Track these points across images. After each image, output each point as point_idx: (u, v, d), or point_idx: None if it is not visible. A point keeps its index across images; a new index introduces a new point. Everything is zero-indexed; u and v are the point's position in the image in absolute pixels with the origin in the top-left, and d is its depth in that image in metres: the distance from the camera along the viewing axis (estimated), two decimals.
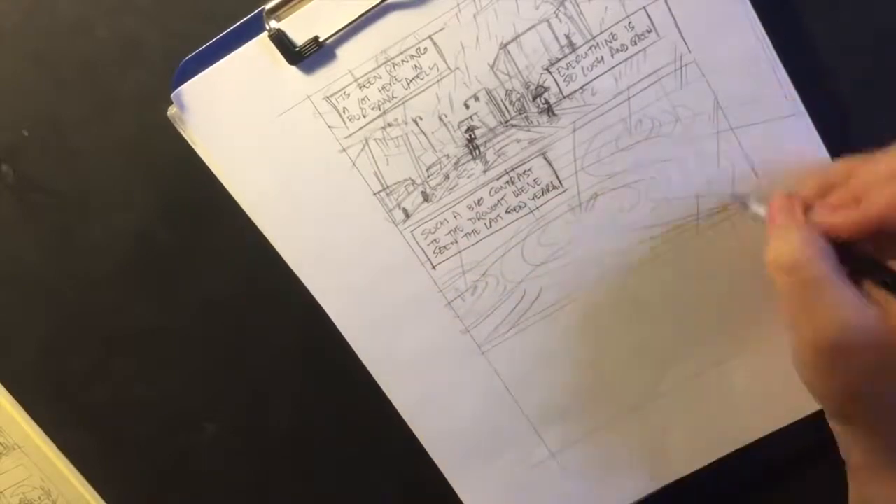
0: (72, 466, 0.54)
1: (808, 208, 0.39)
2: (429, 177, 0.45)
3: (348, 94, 0.44)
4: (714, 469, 0.50)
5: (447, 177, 0.45)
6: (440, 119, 0.44)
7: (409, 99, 0.44)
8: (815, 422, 0.48)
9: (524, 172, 0.45)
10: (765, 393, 0.48)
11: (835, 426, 0.40)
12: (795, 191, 0.41)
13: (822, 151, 0.44)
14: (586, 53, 0.44)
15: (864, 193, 0.38)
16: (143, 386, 0.52)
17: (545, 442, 0.50)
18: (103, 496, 0.55)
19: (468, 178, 0.45)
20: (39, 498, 0.55)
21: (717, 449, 0.50)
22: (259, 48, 0.43)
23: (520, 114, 0.44)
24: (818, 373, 0.38)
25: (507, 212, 0.46)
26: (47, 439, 0.53)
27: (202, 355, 0.52)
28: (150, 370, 0.52)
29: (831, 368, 0.37)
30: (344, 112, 0.44)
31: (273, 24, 0.42)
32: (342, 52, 0.43)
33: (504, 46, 0.43)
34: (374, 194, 0.46)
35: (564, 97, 0.44)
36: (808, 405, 0.48)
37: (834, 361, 0.37)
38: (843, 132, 0.45)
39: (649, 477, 0.51)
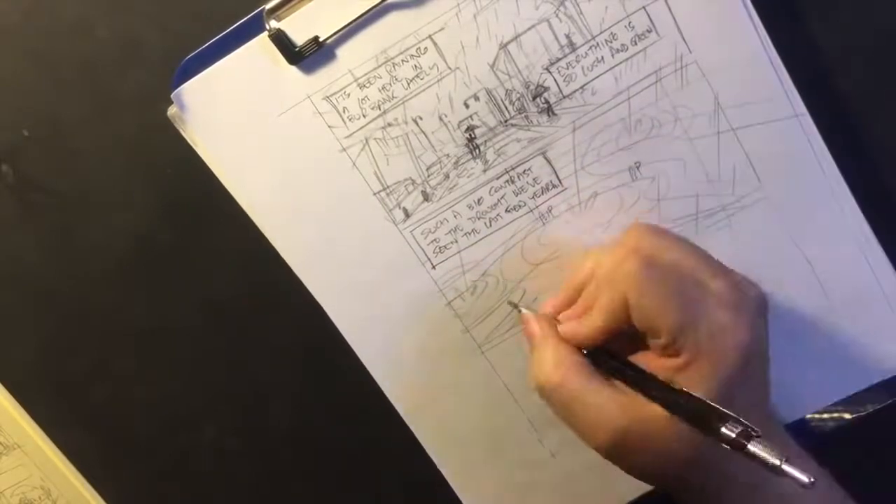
0: (72, 466, 0.53)
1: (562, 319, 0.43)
2: (429, 176, 0.45)
3: (348, 94, 0.44)
4: None
5: (447, 176, 0.45)
6: (440, 119, 0.44)
7: (409, 99, 0.44)
8: (813, 422, 0.48)
9: (524, 172, 0.45)
10: None
11: None
12: (554, 297, 0.44)
13: (823, 152, 0.44)
14: (586, 53, 0.43)
15: (595, 300, 0.40)
16: (143, 386, 0.52)
17: (545, 442, 0.50)
18: (103, 496, 0.54)
19: (468, 177, 0.45)
20: (39, 498, 0.54)
21: None
22: (259, 48, 0.43)
23: (520, 113, 0.44)
24: (621, 466, 0.40)
25: (506, 211, 0.46)
26: (47, 439, 0.53)
27: (202, 355, 0.51)
28: (150, 370, 0.52)
29: (624, 465, 0.40)
30: (344, 112, 0.44)
31: (273, 23, 0.42)
32: (342, 51, 0.43)
33: (504, 46, 0.43)
34: (374, 194, 0.45)
35: (564, 97, 0.44)
36: (806, 406, 0.48)
37: (622, 460, 0.40)
38: (844, 132, 0.45)
39: None
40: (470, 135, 0.44)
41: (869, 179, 0.45)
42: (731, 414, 0.36)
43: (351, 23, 0.42)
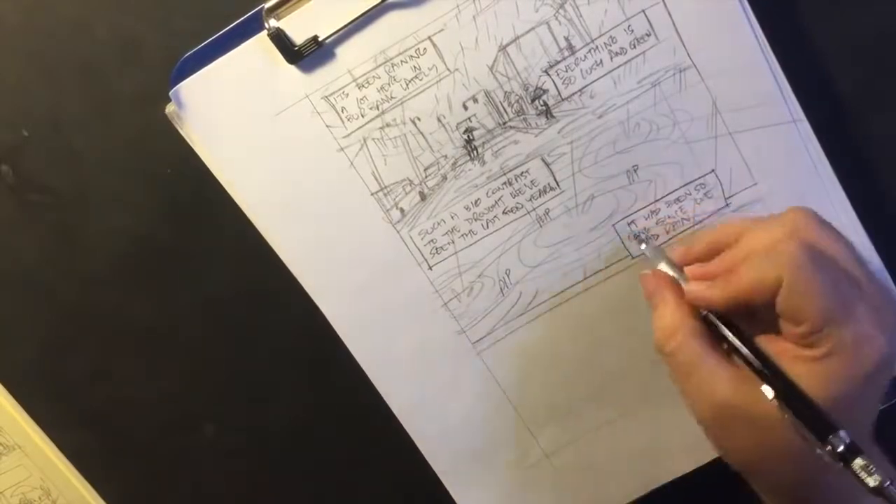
0: (72, 466, 0.51)
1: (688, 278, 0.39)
2: (426, 177, 0.42)
3: (347, 94, 0.41)
4: (709, 469, 0.47)
5: (445, 177, 0.42)
6: (438, 120, 0.41)
7: (408, 99, 0.41)
8: None
9: (522, 174, 0.42)
10: None
11: None
12: (688, 246, 0.40)
13: (820, 157, 0.41)
14: (585, 56, 0.41)
15: (738, 267, 0.36)
16: (143, 386, 0.49)
17: (540, 443, 0.47)
18: (103, 496, 0.51)
19: (466, 178, 0.43)
20: (39, 498, 0.52)
21: (712, 450, 0.46)
22: (258, 47, 0.40)
23: (518, 115, 0.41)
24: (711, 439, 0.38)
25: (504, 213, 0.43)
26: (47, 439, 0.50)
27: (202, 355, 0.49)
28: (150, 370, 0.49)
29: (716, 438, 0.38)
30: (342, 112, 0.41)
31: (272, 22, 0.40)
32: (341, 51, 0.40)
33: (503, 48, 0.41)
34: (372, 194, 0.43)
35: (563, 99, 0.41)
36: None
37: (719, 436, 0.38)
38: (842, 136, 0.42)
39: (643, 478, 0.48)
40: (468, 136, 0.42)
41: (866, 183, 0.43)
42: (841, 427, 0.33)
43: (350, 23, 0.40)
